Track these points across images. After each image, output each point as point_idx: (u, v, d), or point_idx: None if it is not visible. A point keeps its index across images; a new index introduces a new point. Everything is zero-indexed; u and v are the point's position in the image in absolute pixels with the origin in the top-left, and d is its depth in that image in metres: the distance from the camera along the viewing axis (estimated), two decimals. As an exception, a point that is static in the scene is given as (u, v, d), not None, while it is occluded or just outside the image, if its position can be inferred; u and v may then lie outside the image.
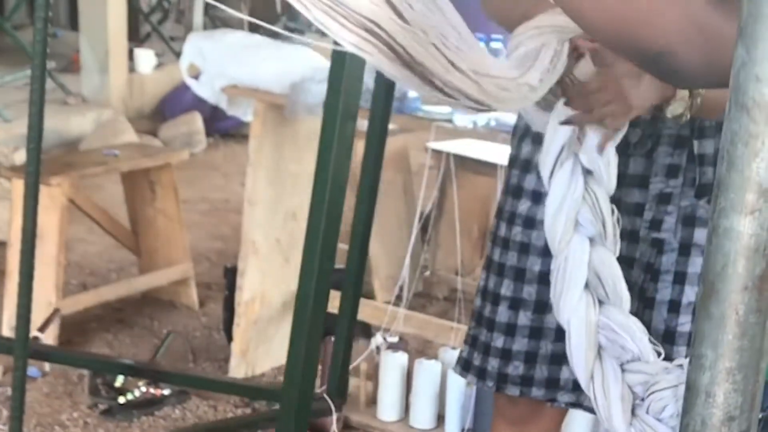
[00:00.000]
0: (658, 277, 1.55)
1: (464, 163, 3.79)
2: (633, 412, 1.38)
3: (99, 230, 4.08)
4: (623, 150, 1.52)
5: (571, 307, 1.40)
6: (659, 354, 1.40)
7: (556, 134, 1.42)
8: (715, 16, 1.07)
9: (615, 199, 1.48)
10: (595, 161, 1.38)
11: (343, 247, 4.49)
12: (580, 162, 1.40)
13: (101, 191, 4.97)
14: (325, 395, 2.55)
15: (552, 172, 1.43)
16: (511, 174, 1.66)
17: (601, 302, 1.41)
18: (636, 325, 1.41)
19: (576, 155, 1.40)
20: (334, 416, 2.59)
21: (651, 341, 1.40)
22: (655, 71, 1.16)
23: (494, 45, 2.95)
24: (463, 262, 4.08)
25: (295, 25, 8.60)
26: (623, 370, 1.40)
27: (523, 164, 1.63)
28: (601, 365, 1.40)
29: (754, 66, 0.70)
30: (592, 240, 1.41)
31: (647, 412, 1.36)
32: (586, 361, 1.40)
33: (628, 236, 1.53)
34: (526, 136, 1.63)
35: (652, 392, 1.34)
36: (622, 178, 1.51)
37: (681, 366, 1.35)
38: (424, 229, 3.95)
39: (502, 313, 1.64)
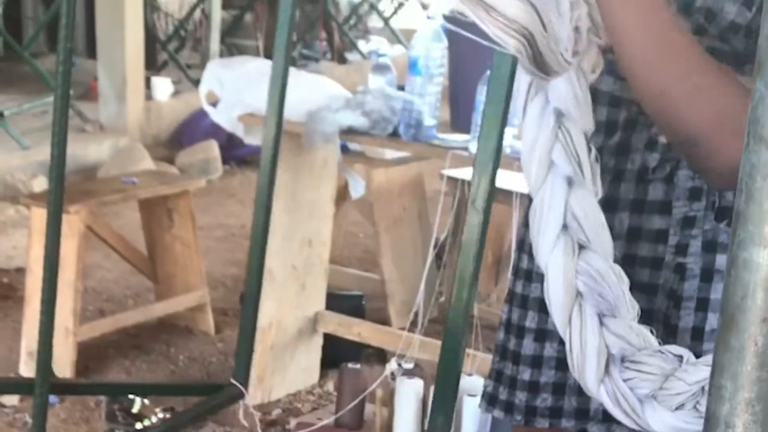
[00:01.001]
0: (681, 304, 1.53)
1: (479, 189, 3.80)
2: (606, 370, 1.35)
3: (116, 256, 4.11)
4: (641, 176, 1.51)
5: (547, 250, 1.34)
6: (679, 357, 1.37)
7: (521, 74, 1.40)
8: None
9: (635, 226, 1.47)
10: (563, 99, 1.31)
11: (358, 272, 4.53)
12: (549, 99, 1.34)
13: (119, 218, 5.01)
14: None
15: (524, 110, 1.40)
16: (530, 206, 1.66)
17: (582, 246, 1.35)
18: (617, 274, 1.36)
19: (545, 92, 1.34)
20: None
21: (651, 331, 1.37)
22: (685, 156, 1.19)
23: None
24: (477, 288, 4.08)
25: (310, 52, 8.66)
26: (602, 324, 1.36)
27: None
28: (580, 312, 1.36)
29: None
30: (570, 181, 1.34)
31: (656, 400, 1.33)
32: (564, 306, 1.36)
33: (651, 263, 1.52)
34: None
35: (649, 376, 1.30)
36: (642, 205, 1.50)
37: (695, 365, 1.32)
38: (439, 255, 3.95)
39: (528, 346, 1.63)
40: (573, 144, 1.32)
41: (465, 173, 3.76)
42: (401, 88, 3.15)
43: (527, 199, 1.67)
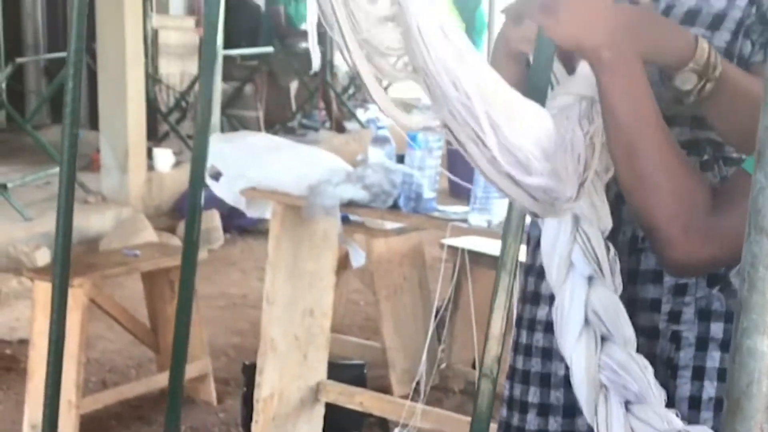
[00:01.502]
0: (677, 372, 1.55)
1: (478, 258, 3.85)
2: None
3: (119, 327, 4.13)
4: (633, 246, 1.53)
5: (571, 345, 1.40)
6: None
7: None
8: (713, 222, 1.20)
9: (630, 297, 1.49)
10: (579, 205, 1.36)
11: (359, 341, 4.54)
12: None
13: (122, 288, 5.04)
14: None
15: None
16: (527, 282, 1.67)
17: (604, 338, 1.40)
18: (639, 364, 1.38)
19: None
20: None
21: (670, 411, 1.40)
22: (648, 240, 1.28)
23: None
24: (478, 354, 4.10)
25: (309, 122, 8.76)
26: (628, 410, 1.39)
27: (539, 271, 1.63)
28: (605, 402, 1.40)
29: None
30: (590, 278, 1.41)
31: None
32: (588, 398, 1.40)
33: (647, 333, 1.54)
34: (540, 246, 1.67)
35: None
36: (636, 275, 1.53)
37: None
38: (440, 323, 3.98)
39: (531, 421, 1.65)
40: (591, 245, 1.38)
41: (465, 242, 3.81)
42: (401, 156, 3.20)
43: (523, 273, 1.72)
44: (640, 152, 1.20)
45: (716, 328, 1.54)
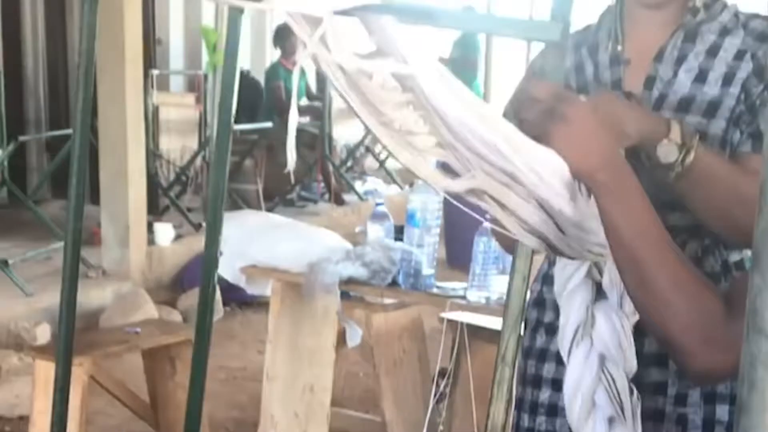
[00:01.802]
0: None
1: (478, 331, 3.87)
2: None
3: (118, 403, 4.13)
4: (639, 330, 1.53)
5: None
6: None
7: (570, 316, 1.44)
8: (730, 329, 1.19)
9: (635, 380, 1.50)
10: (607, 345, 1.39)
11: (359, 415, 4.54)
12: (594, 344, 1.42)
13: (122, 363, 5.04)
14: None
15: (569, 352, 1.45)
16: (527, 365, 1.68)
17: None
18: None
19: (591, 336, 1.43)
20: None
21: None
22: (667, 352, 1.28)
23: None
24: (478, 428, 4.10)
25: (308, 194, 8.83)
26: None
27: (539, 354, 1.66)
28: None
29: None
30: (611, 420, 1.41)
31: None
32: None
33: (653, 416, 1.55)
34: (539, 327, 1.67)
35: None
36: (640, 358, 1.53)
37: None
38: (440, 396, 3.98)
39: None
40: (616, 386, 1.39)
41: (464, 315, 3.83)
42: (399, 229, 3.25)
43: (522, 356, 1.73)
44: (647, 269, 1.21)
45: (722, 411, 1.56)
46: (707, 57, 1.56)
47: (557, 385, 1.61)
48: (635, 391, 1.42)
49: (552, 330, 1.62)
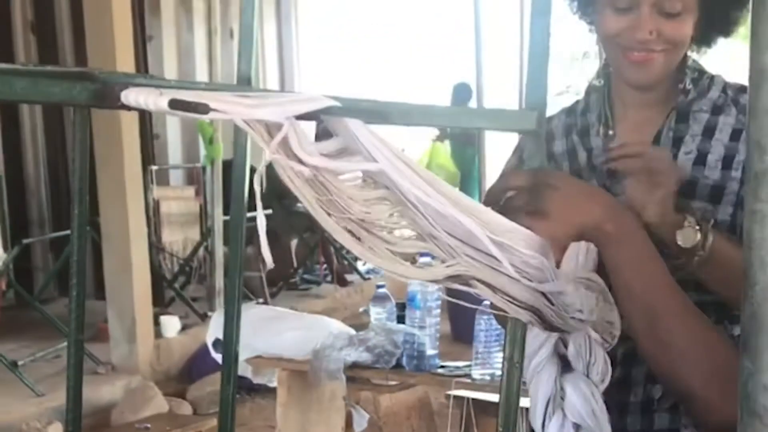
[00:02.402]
0: None
1: (485, 406, 3.90)
2: None
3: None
4: (647, 407, 1.56)
5: None
6: None
7: (539, 391, 1.41)
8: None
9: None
10: (581, 414, 1.37)
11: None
12: (566, 415, 1.39)
13: (133, 458, 5.06)
14: None
15: (543, 425, 1.42)
16: None
17: None
18: None
19: (562, 409, 1.39)
20: None
21: None
22: (684, 407, 1.28)
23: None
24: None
25: (311, 277, 8.89)
26: None
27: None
28: None
29: (761, 375, 0.75)
30: None
31: None
32: None
33: None
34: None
35: None
36: (626, 407, 1.55)
37: None
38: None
39: None
40: None
41: (470, 393, 3.87)
42: (401, 306, 3.30)
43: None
44: (660, 320, 1.17)
45: None
46: (704, 138, 1.56)
47: None
48: None
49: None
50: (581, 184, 1.21)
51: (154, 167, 7.58)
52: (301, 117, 0.97)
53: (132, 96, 0.97)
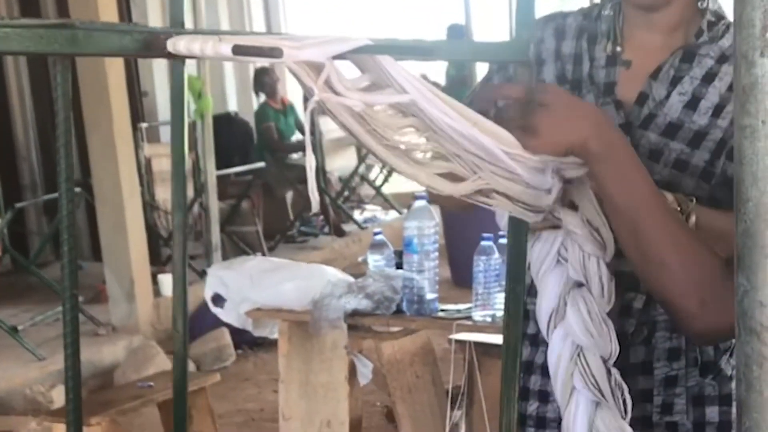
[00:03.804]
0: None
1: (487, 349, 3.89)
2: None
3: (140, 458, 4.16)
4: (621, 341, 1.54)
5: None
6: None
7: (542, 302, 1.43)
8: (730, 289, 1.24)
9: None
10: (577, 335, 1.39)
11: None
12: (567, 333, 1.41)
13: (139, 415, 5.05)
14: None
15: (548, 334, 1.44)
16: (525, 379, 1.67)
17: None
18: None
19: (564, 325, 1.41)
20: None
21: None
22: (668, 315, 1.31)
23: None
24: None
25: (307, 229, 8.86)
26: None
27: (524, 366, 1.65)
28: None
29: (757, 292, 0.75)
30: (597, 402, 1.40)
31: None
32: None
33: (641, 423, 1.55)
34: (523, 339, 1.64)
35: None
36: (625, 368, 1.52)
37: None
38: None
39: None
40: (591, 372, 1.39)
41: (471, 335, 3.85)
42: (400, 254, 3.27)
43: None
44: (643, 232, 1.22)
45: (711, 412, 1.57)
46: (702, 83, 1.55)
47: (544, 396, 1.62)
48: (614, 374, 1.40)
49: (536, 342, 1.62)
50: (571, 102, 1.25)
51: (144, 125, 7.51)
52: (335, 57, 1.05)
53: (182, 44, 1.05)
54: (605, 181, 1.22)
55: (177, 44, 1.03)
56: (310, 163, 1.08)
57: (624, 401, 1.40)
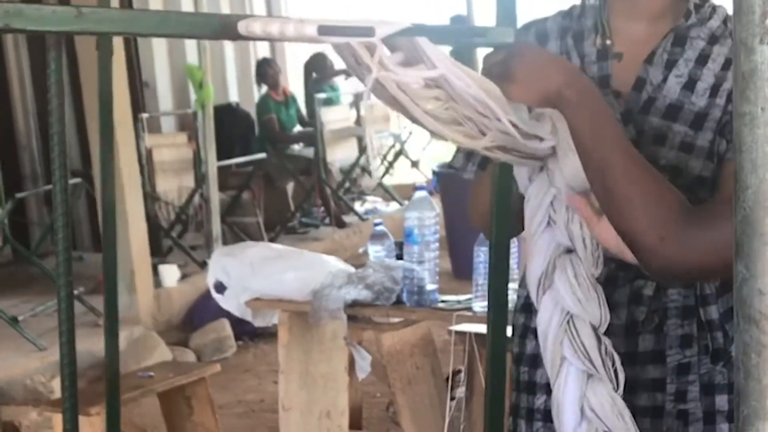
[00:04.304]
0: None
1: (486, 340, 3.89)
2: None
3: (140, 447, 4.16)
4: (632, 329, 1.55)
5: None
6: None
7: (533, 265, 1.44)
8: (690, 230, 1.29)
9: (630, 378, 1.50)
10: (565, 300, 1.39)
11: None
12: (557, 300, 1.42)
13: (139, 406, 5.05)
14: None
15: (538, 302, 1.44)
16: (520, 371, 1.67)
17: None
18: None
19: (554, 292, 1.42)
20: None
21: None
22: (630, 249, 1.35)
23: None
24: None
25: (309, 220, 8.85)
26: None
27: (530, 360, 1.65)
28: None
29: (756, 281, 0.75)
30: (589, 375, 1.40)
31: None
32: None
33: (651, 412, 1.56)
34: (528, 332, 1.65)
35: None
36: (635, 357, 1.54)
37: None
38: (458, 407, 4.00)
39: None
40: (581, 342, 1.39)
41: (472, 327, 3.85)
42: (400, 245, 3.27)
43: (514, 362, 1.73)
44: (609, 171, 1.31)
45: (721, 401, 1.56)
46: (696, 65, 1.56)
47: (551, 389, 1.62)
48: (606, 344, 1.40)
49: None
50: (546, 54, 1.38)
51: (145, 115, 7.49)
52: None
53: (257, 26, 1.10)
54: (578, 127, 1.31)
55: (251, 26, 1.09)
56: (369, 133, 1.31)
57: (615, 372, 1.40)
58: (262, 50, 9.92)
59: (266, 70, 8.65)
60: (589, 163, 1.32)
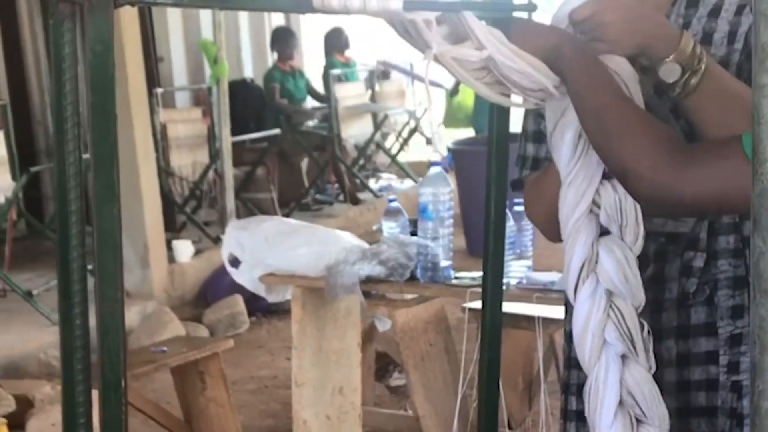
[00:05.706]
0: (743, 421, 1.54)
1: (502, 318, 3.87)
2: None
3: (153, 422, 4.16)
4: (682, 303, 1.54)
5: (606, 427, 1.40)
6: None
7: (574, 253, 1.44)
8: (680, 163, 1.34)
9: (682, 352, 1.51)
10: (612, 280, 1.39)
11: (391, 412, 4.55)
12: (599, 280, 1.42)
13: (152, 381, 5.07)
14: None
15: (575, 289, 1.44)
16: (571, 347, 1.63)
17: (639, 421, 1.40)
18: None
19: (596, 273, 1.42)
20: None
21: None
22: (622, 182, 1.41)
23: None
24: (511, 414, 4.11)
25: (323, 197, 8.84)
26: None
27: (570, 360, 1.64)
28: None
29: None
30: (624, 357, 1.40)
31: None
32: None
33: (706, 386, 1.55)
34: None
35: None
36: (687, 330, 1.53)
37: None
38: (470, 384, 3.99)
39: None
40: (625, 322, 1.38)
41: (486, 304, 3.84)
42: (415, 222, 3.26)
43: (566, 339, 1.70)
44: (603, 114, 1.39)
45: None
46: (709, 19, 1.55)
47: None
48: (646, 326, 1.40)
49: None
50: (540, 22, 1.51)
51: (160, 90, 7.48)
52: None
53: (336, 1, 1.19)
54: (575, 80, 1.42)
55: (328, 1, 1.18)
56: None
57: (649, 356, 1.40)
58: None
59: (285, 38, 8.66)
60: (585, 111, 1.41)
